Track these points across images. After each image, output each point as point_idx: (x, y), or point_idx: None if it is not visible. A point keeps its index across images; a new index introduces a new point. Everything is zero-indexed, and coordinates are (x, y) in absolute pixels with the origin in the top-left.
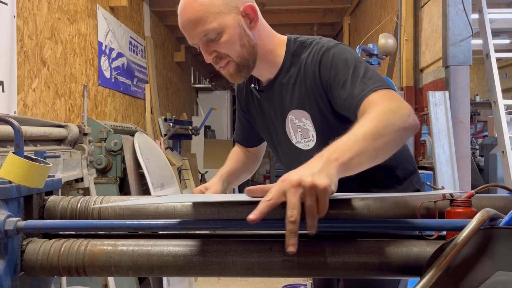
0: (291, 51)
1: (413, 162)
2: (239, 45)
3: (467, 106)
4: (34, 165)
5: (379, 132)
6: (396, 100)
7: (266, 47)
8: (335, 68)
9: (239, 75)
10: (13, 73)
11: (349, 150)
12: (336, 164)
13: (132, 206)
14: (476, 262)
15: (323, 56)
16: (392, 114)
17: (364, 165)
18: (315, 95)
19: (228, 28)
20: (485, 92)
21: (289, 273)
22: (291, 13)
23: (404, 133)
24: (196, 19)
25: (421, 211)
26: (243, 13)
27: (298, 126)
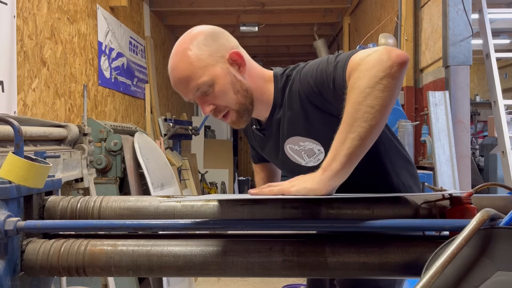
0: (280, 87)
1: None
2: (233, 92)
3: (467, 106)
4: (34, 165)
5: (356, 117)
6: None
7: (259, 87)
8: (311, 72)
9: (242, 120)
10: (13, 73)
11: (336, 156)
12: (327, 174)
13: (132, 206)
14: (476, 262)
15: (300, 75)
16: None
17: (357, 154)
18: (305, 113)
19: (218, 78)
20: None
21: (289, 273)
22: (291, 13)
23: (387, 81)
24: (185, 77)
25: (422, 211)
26: (230, 60)
27: (299, 150)
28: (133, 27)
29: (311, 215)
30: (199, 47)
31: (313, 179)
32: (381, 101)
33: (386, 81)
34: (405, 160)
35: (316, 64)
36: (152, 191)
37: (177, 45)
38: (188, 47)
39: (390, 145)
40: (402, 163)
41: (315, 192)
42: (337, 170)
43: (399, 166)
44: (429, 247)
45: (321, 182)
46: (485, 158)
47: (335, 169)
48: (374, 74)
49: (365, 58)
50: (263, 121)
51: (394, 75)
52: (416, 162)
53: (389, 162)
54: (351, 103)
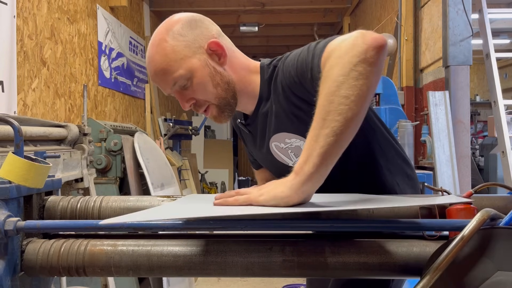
0: (266, 78)
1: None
2: (212, 85)
3: (467, 106)
4: (34, 165)
5: (329, 110)
6: (342, 45)
7: (243, 79)
8: (293, 62)
9: (223, 115)
10: (13, 73)
11: (309, 156)
12: (299, 179)
13: (132, 206)
14: (476, 262)
15: (283, 65)
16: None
17: (332, 152)
18: (290, 106)
19: (196, 71)
20: (485, 92)
21: (289, 273)
22: (291, 13)
23: (362, 67)
24: (161, 70)
25: (422, 211)
26: (208, 50)
27: (286, 148)
28: (133, 27)
29: (311, 215)
30: (175, 37)
31: (284, 184)
32: (357, 90)
33: (361, 67)
34: (402, 160)
35: (298, 54)
36: (152, 191)
37: (154, 35)
38: (164, 38)
39: (386, 143)
40: (399, 162)
41: (286, 200)
42: (310, 173)
43: (394, 165)
44: (429, 247)
45: (293, 188)
46: (485, 158)
47: (308, 172)
48: (348, 60)
49: (339, 43)
50: (249, 115)
51: (369, 60)
52: (416, 162)
53: (384, 160)
54: (323, 95)
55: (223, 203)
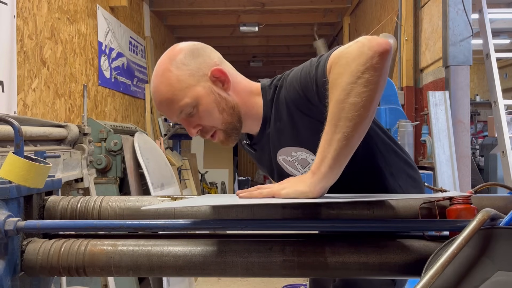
0: (268, 99)
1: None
2: (218, 111)
3: (467, 106)
4: (34, 165)
5: (340, 116)
6: (348, 53)
7: (247, 102)
8: (296, 77)
9: (230, 139)
10: (13, 73)
11: (324, 158)
12: (317, 177)
13: (132, 206)
14: (476, 262)
15: (286, 83)
16: (345, 76)
17: (345, 154)
18: (294, 122)
19: (201, 99)
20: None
21: (289, 273)
22: (291, 13)
23: (369, 74)
24: (167, 100)
25: (422, 211)
26: (212, 78)
27: (292, 161)
28: (133, 27)
29: (311, 215)
30: (179, 67)
31: (303, 181)
32: (365, 96)
33: (368, 75)
34: (405, 163)
35: (300, 69)
36: (152, 191)
37: (157, 66)
38: (168, 68)
39: (386, 147)
40: (401, 165)
41: (306, 195)
42: (326, 172)
43: (397, 168)
44: (429, 247)
45: (312, 185)
46: (485, 158)
47: (324, 171)
48: (355, 68)
49: (344, 50)
50: (254, 135)
51: (375, 66)
52: (416, 162)
53: (385, 164)
54: (333, 102)
55: (248, 196)
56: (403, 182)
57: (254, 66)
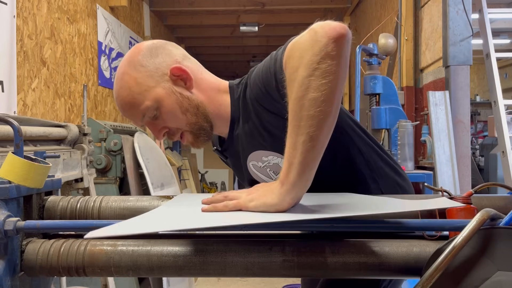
0: (236, 98)
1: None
2: (181, 112)
3: (467, 106)
4: (34, 165)
5: (301, 115)
6: (300, 43)
7: (213, 100)
8: (258, 73)
9: (199, 140)
10: (13, 73)
11: (291, 164)
12: (286, 188)
13: (132, 206)
14: (476, 262)
15: (250, 80)
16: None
17: (313, 157)
18: (262, 122)
19: (162, 100)
20: (485, 92)
21: (289, 273)
22: (291, 13)
23: (326, 63)
24: (128, 104)
25: (422, 211)
26: (172, 77)
27: (264, 167)
28: (133, 27)
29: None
30: (137, 69)
31: (272, 192)
32: (325, 89)
33: (325, 64)
34: (391, 169)
35: (262, 64)
36: (152, 191)
37: (118, 69)
38: (126, 71)
39: (370, 153)
40: (386, 172)
41: (276, 208)
42: (295, 180)
43: (380, 175)
44: (429, 247)
45: (281, 196)
46: (485, 158)
47: (292, 180)
48: (310, 59)
49: (297, 41)
50: (225, 139)
51: (331, 54)
52: (416, 162)
53: (368, 171)
54: (292, 100)
55: (212, 209)
56: (388, 190)
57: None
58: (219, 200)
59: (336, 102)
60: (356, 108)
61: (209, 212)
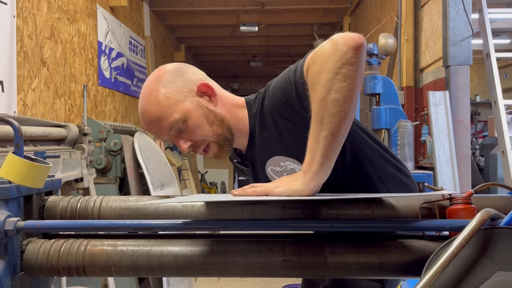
0: (254, 112)
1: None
2: (208, 124)
3: (467, 106)
4: (34, 165)
5: (324, 114)
6: (322, 51)
7: (234, 115)
8: (277, 85)
9: (224, 151)
10: (13, 73)
11: (313, 156)
12: (308, 176)
13: (132, 206)
14: (476, 262)
15: (268, 92)
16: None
17: (333, 149)
18: (279, 130)
19: (190, 113)
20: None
21: (289, 273)
22: (291, 13)
23: (346, 69)
24: (156, 119)
25: (422, 211)
26: (199, 93)
27: (281, 172)
28: (133, 27)
29: (311, 215)
30: (165, 85)
31: (296, 180)
32: (345, 90)
33: (345, 70)
34: (396, 169)
35: (280, 77)
36: (152, 191)
37: (144, 88)
38: (155, 88)
39: (375, 154)
40: (391, 172)
41: (299, 193)
42: (317, 170)
43: (386, 175)
44: (429, 247)
45: (305, 184)
46: (485, 158)
47: (315, 169)
48: (332, 65)
49: (319, 50)
50: (244, 151)
51: (351, 60)
52: (416, 162)
53: (374, 171)
54: (315, 101)
55: (242, 194)
56: (394, 188)
57: (254, 66)
58: (248, 188)
59: (354, 103)
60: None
61: (239, 196)
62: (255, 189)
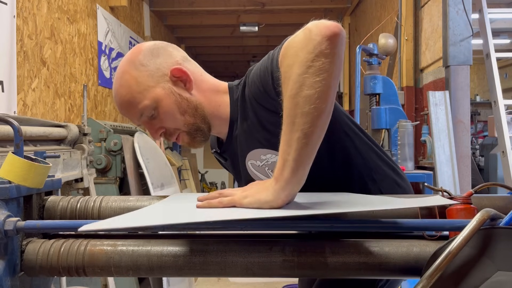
0: (235, 99)
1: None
2: (179, 112)
3: (467, 106)
4: (34, 165)
5: (296, 113)
6: (295, 41)
7: (212, 101)
8: (256, 72)
9: (196, 140)
10: (13, 73)
11: (285, 161)
12: (280, 184)
13: (132, 206)
14: (476, 262)
15: (248, 79)
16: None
17: (307, 153)
18: (259, 120)
19: (161, 100)
20: (485, 92)
21: (289, 273)
22: (291, 13)
23: (320, 61)
24: (127, 102)
25: (422, 211)
26: (172, 78)
27: (262, 166)
28: (133, 27)
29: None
30: (137, 68)
31: (267, 189)
32: (319, 86)
33: (319, 62)
34: (390, 169)
35: (260, 63)
36: (152, 191)
37: (118, 69)
38: (127, 70)
39: (368, 153)
40: (385, 171)
41: (270, 204)
42: (289, 177)
43: (379, 174)
44: (429, 247)
45: (276, 193)
46: (485, 158)
47: (287, 176)
48: (304, 57)
49: (292, 39)
50: (223, 141)
51: (325, 52)
52: (416, 162)
53: (366, 170)
54: (287, 97)
55: (206, 206)
56: (387, 189)
57: None
58: (214, 197)
59: (330, 100)
60: (356, 108)
61: (203, 208)
62: (221, 200)
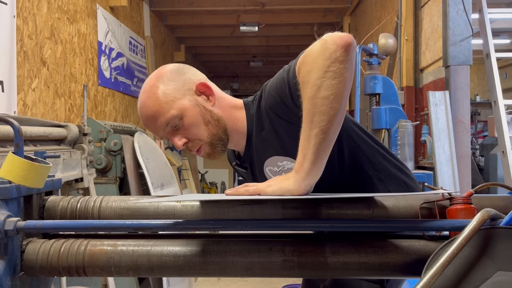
0: (252, 113)
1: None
2: (204, 123)
3: (467, 106)
4: (34, 165)
5: (314, 112)
6: (312, 51)
7: (231, 116)
8: (272, 84)
9: (216, 151)
10: (13, 73)
11: (305, 155)
12: (301, 175)
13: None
14: (476, 262)
15: (264, 92)
16: (313, 73)
17: (324, 147)
18: (275, 129)
19: (187, 111)
20: (485, 92)
21: (289, 273)
22: (291, 13)
23: (335, 67)
24: (154, 114)
25: (422, 211)
26: (197, 92)
27: (279, 172)
28: (133, 27)
29: (311, 215)
30: (165, 82)
31: (288, 179)
32: (334, 89)
33: (334, 67)
34: (396, 169)
35: (276, 77)
36: (152, 191)
37: (144, 85)
38: (155, 84)
39: (374, 154)
40: (392, 172)
41: (292, 192)
42: (309, 169)
43: (387, 175)
44: (429, 247)
45: (297, 183)
46: (485, 158)
47: (307, 168)
48: (321, 63)
49: (309, 50)
50: (242, 153)
51: (340, 59)
52: (416, 162)
53: (373, 171)
54: (306, 99)
55: (235, 193)
56: (395, 188)
57: (254, 66)
58: (241, 187)
59: (344, 101)
60: (356, 108)
61: (232, 196)
62: (247, 189)
